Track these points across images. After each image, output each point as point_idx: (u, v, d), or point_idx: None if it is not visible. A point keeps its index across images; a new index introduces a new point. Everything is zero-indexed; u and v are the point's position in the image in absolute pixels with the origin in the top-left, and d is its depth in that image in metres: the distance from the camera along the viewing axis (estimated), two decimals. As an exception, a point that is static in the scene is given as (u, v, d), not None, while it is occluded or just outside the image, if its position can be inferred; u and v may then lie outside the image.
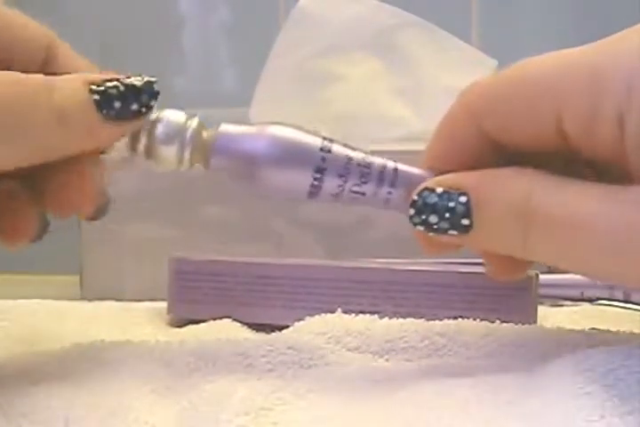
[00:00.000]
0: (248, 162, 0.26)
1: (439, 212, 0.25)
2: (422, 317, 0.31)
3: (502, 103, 0.25)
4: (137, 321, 0.37)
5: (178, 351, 0.28)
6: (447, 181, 0.25)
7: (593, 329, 0.30)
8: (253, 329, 0.34)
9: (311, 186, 0.26)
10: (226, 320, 0.35)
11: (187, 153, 0.26)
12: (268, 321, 0.34)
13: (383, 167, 0.26)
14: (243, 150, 0.26)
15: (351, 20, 0.59)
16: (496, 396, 0.23)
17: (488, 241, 0.25)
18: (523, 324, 0.31)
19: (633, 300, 0.38)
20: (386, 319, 0.31)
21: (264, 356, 0.27)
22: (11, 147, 0.24)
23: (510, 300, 0.33)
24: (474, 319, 0.31)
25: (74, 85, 0.25)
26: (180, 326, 0.36)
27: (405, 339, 0.29)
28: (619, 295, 0.39)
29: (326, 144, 0.26)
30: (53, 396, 0.24)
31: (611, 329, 0.30)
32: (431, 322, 0.30)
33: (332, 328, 0.30)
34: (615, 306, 0.38)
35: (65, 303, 0.39)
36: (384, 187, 0.26)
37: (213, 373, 0.26)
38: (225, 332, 0.33)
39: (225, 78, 0.76)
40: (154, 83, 0.25)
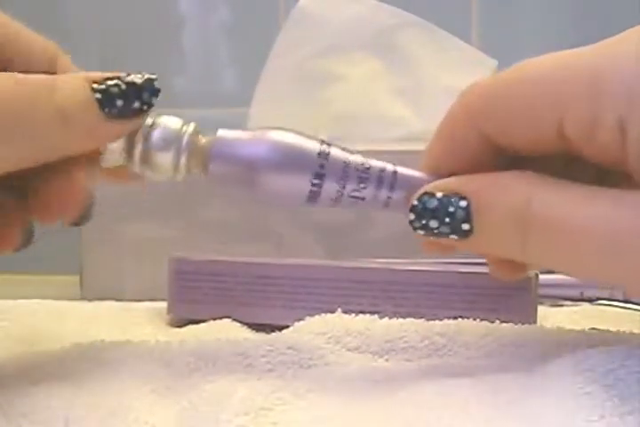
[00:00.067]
0: (247, 167, 0.26)
1: (439, 217, 0.25)
2: (422, 317, 0.31)
3: (501, 104, 0.25)
4: (137, 321, 0.37)
5: (178, 351, 0.28)
6: (447, 186, 0.25)
7: (593, 329, 0.30)
8: (253, 329, 0.34)
9: (310, 191, 0.26)
10: (226, 320, 0.35)
11: (183, 159, 0.26)
12: (268, 321, 0.34)
13: (382, 171, 0.26)
14: (242, 155, 0.26)
15: (351, 20, 0.59)
16: (496, 396, 0.23)
17: (488, 245, 0.25)
18: (523, 324, 0.31)
19: (633, 300, 0.38)
20: (386, 319, 0.31)
21: (264, 356, 0.27)
22: (13, 147, 0.24)
23: (510, 300, 0.33)
24: (474, 319, 0.31)
25: (75, 84, 0.25)
26: (180, 326, 0.36)
27: (405, 339, 0.29)
28: (619, 295, 0.39)
29: (325, 149, 0.26)
30: (53, 396, 0.24)
31: (611, 329, 0.30)
32: (431, 322, 0.30)
33: (332, 328, 0.30)
34: (615, 306, 0.38)
35: (65, 303, 0.39)
36: (383, 190, 0.26)
37: (213, 373, 0.26)
38: (225, 332, 0.33)
39: (225, 78, 0.76)
40: (154, 80, 0.25)
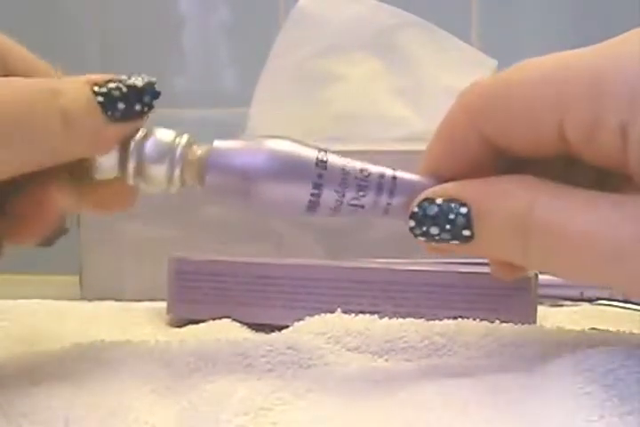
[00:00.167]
0: (245, 177, 0.26)
1: (440, 223, 0.25)
2: (422, 317, 0.31)
3: (501, 104, 0.24)
4: (137, 321, 0.37)
5: (178, 351, 0.28)
6: (447, 191, 0.25)
7: (593, 329, 0.30)
8: (253, 329, 0.34)
9: (309, 201, 0.26)
10: (225, 320, 0.35)
11: (177, 171, 0.26)
12: (268, 321, 0.34)
13: (381, 177, 0.26)
14: (239, 166, 0.26)
15: (351, 20, 0.59)
16: (496, 396, 0.23)
17: (489, 250, 0.25)
18: (522, 324, 0.31)
19: (633, 300, 0.38)
20: (386, 319, 0.31)
21: (264, 356, 0.27)
22: (17, 152, 0.24)
23: (510, 300, 0.33)
24: (474, 319, 0.31)
25: (78, 88, 0.25)
26: (180, 326, 0.36)
27: (405, 339, 0.29)
28: (619, 295, 0.39)
29: (323, 157, 0.26)
30: (53, 396, 0.24)
31: (610, 329, 0.30)
32: (431, 322, 0.30)
33: (332, 328, 0.30)
34: (615, 306, 0.38)
35: (65, 303, 0.39)
36: (383, 197, 0.26)
37: (213, 373, 0.26)
38: (225, 332, 0.33)
39: (225, 78, 0.76)
40: (154, 83, 0.26)
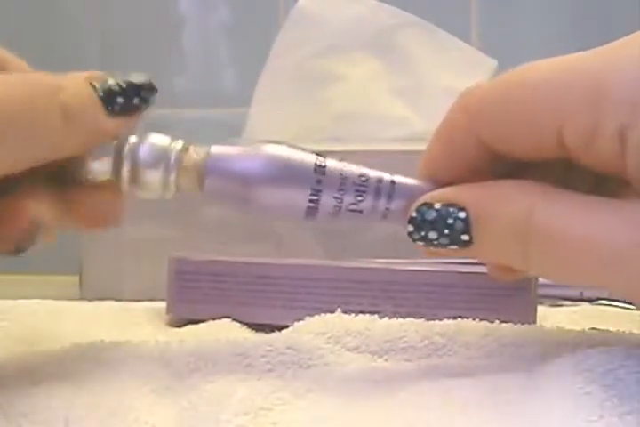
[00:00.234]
0: (243, 183, 0.25)
1: (438, 228, 0.24)
2: (422, 317, 0.31)
3: (500, 108, 0.24)
4: (136, 321, 0.37)
5: (177, 351, 0.28)
6: (445, 196, 0.25)
7: (593, 329, 0.30)
8: (253, 329, 0.34)
9: (308, 207, 0.26)
10: (225, 320, 0.35)
11: (172, 176, 0.26)
12: (268, 321, 0.34)
13: (379, 181, 0.26)
14: (237, 171, 0.26)
15: (351, 20, 0.59)
16: (496, 396, 0.23)
17: (488, 255, 0.25)
18: (522, 324, 0.31)
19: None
20: (386, 319, 0.31)
21: (263, 356, 0.27)
22: (19, 147, 0.24)
23: (510, 300, 0.33)
24: (474, 319, 0.31)
25: (78, 83, 0.25)
26: (180, 326, 0.36)
27: (405, 339, 0.29)
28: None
29: (321, 163, 0.26)
30: (53, 396, 0.24)
31: (610, 329, 0.30)
32: (431, 322, 0.30)
33: (332, 328, 0.30)
34: (615, 306, 0.38)
35: (65, 303, 0.39)
36: (381, 202, 0.26)
37: (213, 373, 0.26)
38: (224, 332, 0.33)
39: (225, 78, 0.76)
40: (151, 80, 0.26)
